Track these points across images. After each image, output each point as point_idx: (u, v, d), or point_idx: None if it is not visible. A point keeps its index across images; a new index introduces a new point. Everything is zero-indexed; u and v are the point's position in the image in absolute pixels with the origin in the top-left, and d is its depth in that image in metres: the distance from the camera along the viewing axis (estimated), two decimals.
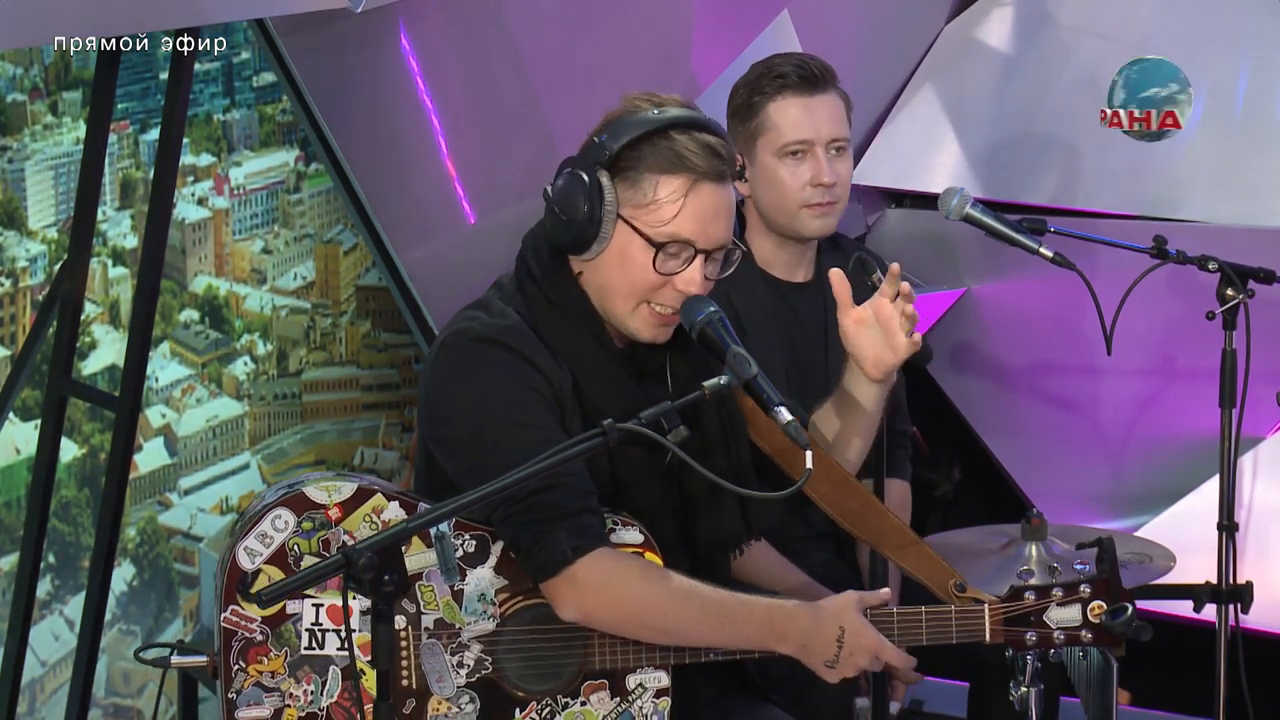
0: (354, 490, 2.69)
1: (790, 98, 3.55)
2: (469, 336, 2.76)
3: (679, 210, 2.75)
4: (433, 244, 4.24)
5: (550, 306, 2.80)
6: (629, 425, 2.51)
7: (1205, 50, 4.36)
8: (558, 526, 2.65)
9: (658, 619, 2.71)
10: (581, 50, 4.21)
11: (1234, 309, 3.68)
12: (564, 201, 2.76)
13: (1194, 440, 4.35)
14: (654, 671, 2.75)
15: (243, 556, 2.67)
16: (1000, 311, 4.62)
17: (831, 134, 3.56)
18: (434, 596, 2.68)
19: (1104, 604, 2.77)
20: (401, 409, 4.74)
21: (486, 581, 2.70)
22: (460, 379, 2.74)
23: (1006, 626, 2.79)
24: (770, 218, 3.60)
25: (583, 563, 2.65)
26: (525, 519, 2.66)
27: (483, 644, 2.70)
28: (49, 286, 3.90)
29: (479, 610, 2.69)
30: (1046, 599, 2.79)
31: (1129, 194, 4.42)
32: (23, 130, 3.96)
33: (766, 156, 3.56)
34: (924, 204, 4.63)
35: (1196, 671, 3.87)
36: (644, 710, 2.74)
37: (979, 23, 4.67)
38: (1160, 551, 3.37)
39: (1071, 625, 2.78)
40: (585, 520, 2.68)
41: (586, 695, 2.73)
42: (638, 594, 2.69)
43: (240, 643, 2.68)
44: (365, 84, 4.07)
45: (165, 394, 4.27)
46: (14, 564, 3.93)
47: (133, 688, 4.28)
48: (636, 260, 2.76)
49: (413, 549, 2.67)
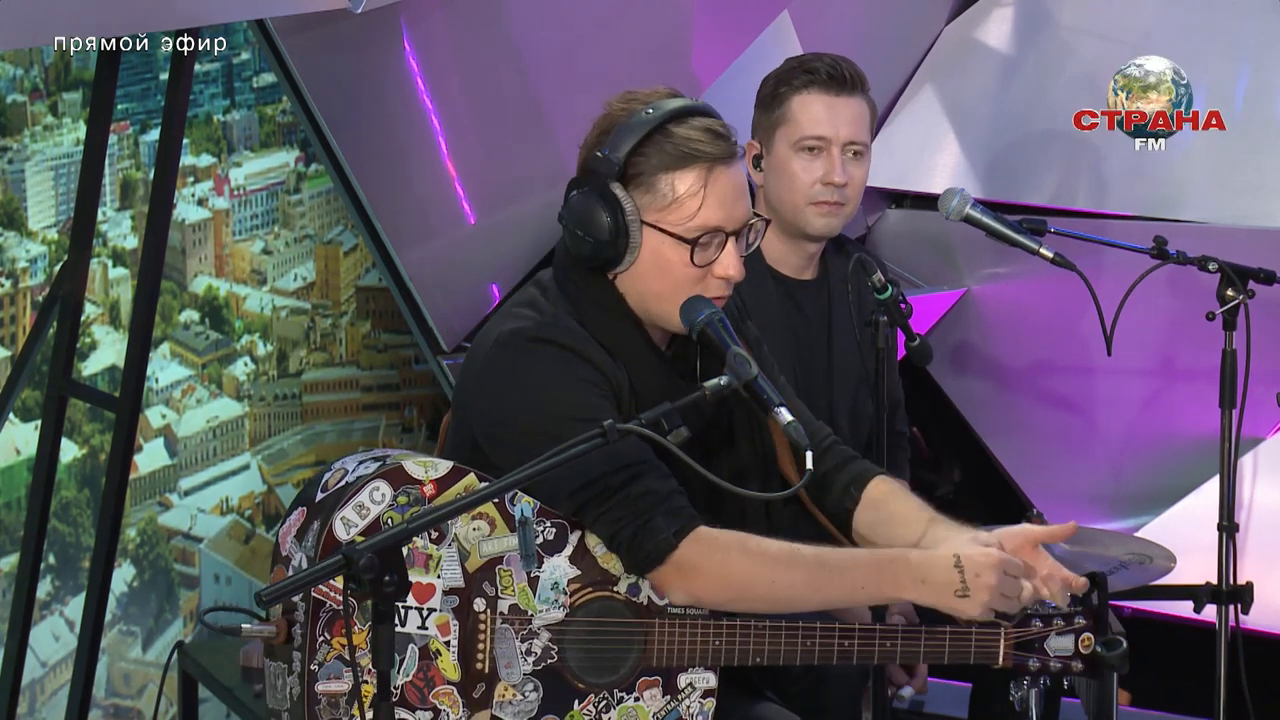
0: (449, 469, 2.68)
1: (816, 93, 3.56)
2: (525, 336, 2.75)
3: (702, 201, 2.76)
4: (433, 244, 4.24)
5: (598, 308, 2.81)
6: (629, 425, 2.51)
7: (1205, 50, 4.36)
8: (655, 514, 2.66)
9: (765, 588, 2.70)
10: (581, 50, 4.21)
11: (1234, 309, 3.68)
12: (585, 222, 2.76)
13: (1194, 440, 4.35)
14: (704, 672, 2.76)
15: (339, 526, 2.63)
16: (1000, 311, 4.62)
17: (850, 136, 3.56)
18: (511, 581, 2.68)
19: (1092, 636, 2.81)
20: (401, 409, 4.74)
21: (561, 570, 2.70)
22: (518, 378, 2.74)
23: (1016, 651, 2.81)
24: (778, 210, 3.60)
25: (684, 546, 2.66)
26: (621, 513, 2.66)
27: (551, 633, 2.71)
28: (49, 287, 3.90)
29: (551, 599, 2.70)
30: (1049, 626, 2.82)
31: (1129, 194, 4.42)
32: (23, 131, 3.96)
33: (783, 147, 3.57)
34: (924, 204, 4.63)
35: (1196, 671, 3.87)
36: (690, 709, 2.75)
37: (979, 23, 4.67)
38: (1160, 552, 3.37)
39: (1065, 654, 2.83)
40: (678, 502, 2.69)
41: (641, 691, 2.74)
42: (742, 568, 2.69)
43: (328, 614, 2.63)
44: (365, 84, 4.07)
45: (165, 394, 4.27)
46: (14, 564, 3.93)
47: (133, 688, 4.28)
48: (673, 260, 2.77)
49: (496, 531, 2.67)
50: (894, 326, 3.19)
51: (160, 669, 4.22)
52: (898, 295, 3.18)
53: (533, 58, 4.17)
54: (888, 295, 3.16)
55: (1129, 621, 4.12)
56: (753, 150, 3.61)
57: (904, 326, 3.19)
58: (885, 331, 3.18)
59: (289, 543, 2.72)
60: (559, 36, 4.20)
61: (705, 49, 4.39)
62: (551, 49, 4.19)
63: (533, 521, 2.68)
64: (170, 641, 4.25)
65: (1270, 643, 4.15)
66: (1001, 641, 2.80)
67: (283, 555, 2.72)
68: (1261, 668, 3.87)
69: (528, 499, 2.70)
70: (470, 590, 2.67)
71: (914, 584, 2.69)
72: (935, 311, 4.65)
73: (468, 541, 2.66)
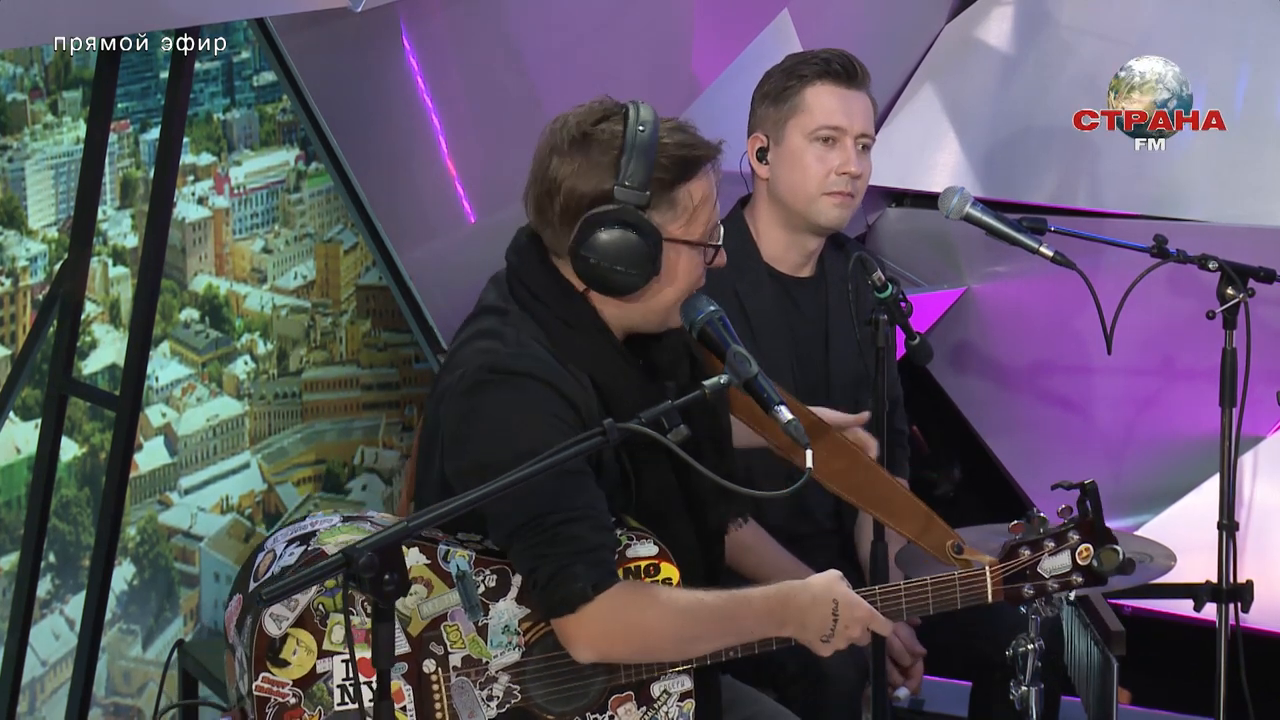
0: None
1: (829, 85, 3.56)
2: (491, 370, 2.71)
3: (714, 202, 2.79)
4: (433, 244, 4.24)
5: (565, 325, 2.78)
6: (629, 425, 2.51)
7: (1205, 50, 4.36)
8: (577, 561, 2.64)
9: (671, 644, 2.72)
10: (581, 50, 4.21)
11: (1234, 308, 3.68)
12: (625, 259, 2.71)
13: (1194, 440, 4.35)
14: (677, 676, 2.75)
15: (269, 623, 2.64)
16: (1000, 311, 4.63)
17: (862, 128, 3.57)
18: (459, 635, 2.67)
19: (1091, 547, 2.83)
20: (401, 408, 4.74)
21: (510, 613, 2.69)
22: (484, 414, 2.71)
23: (1006, 585, 2.84)
24: (787, 202, 3.59)
25: (599, 600, 2.64)
26: (545, 551, 2.64)
27: (510, 674, 2.70)
28: (49, 286, 3.90)
29: (504, 642, 2.69)
30: (1040, 551, 2.84)
31: (1129, 193, 4.42)
32: (23, 130, 3.96)
33: (796, 138, 3.56)
34: (924, 203, 4.63)
35: (1196, 671, 3.87)
36: (670, 715, 2.75)
37: (979, 23, 4.67)
38: (1160, 551, 3.37)
39: (1063, 572, 2.84)
40: (603, 555, 2.67)
41: (614, 709, 2.73)
42: (650, 625, 2.69)
43: (274, 709, 2.65)
44: (365, 84, 4.07)
45: (165, 393, 4.27)
46: (14, 563, 3.93)
47: (133, 687, 4.28)
48: (687, 267, 2.78)
49: (435, 591, 2.67)
50: (894, 325, 3.19)
51: (160, 667, 4.22)
52: (897, 294, 3.18)
53: (533, 58, 4.17)
54: (887, 294, 3.16)
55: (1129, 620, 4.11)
56: (756, 144, 3.60)
57: (904, 325, 3.19)
58: (885, 330, 3.18)
59: (232, 630, 2.73)
60: (559, 36, 4.20)
61: (705, 49, 4.39)
62: (551, 49, 4.19)
63: (470, 573, 2.67)
64: (170, 640, 4.25)
65: (1270, 642, 4.16)
66: (988, 580, 2.83)
67: (229, 642, 2.73)
68: (1261, 667, 3.88)
69: (462, 552, 2.68)
70: (417, 653, 2.66)
71: (797, 626, 2.74)
72: (935, 310, 4.65)
73: (406, 609, 2.65)
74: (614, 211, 2.72)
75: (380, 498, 4.73)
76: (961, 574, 2.84)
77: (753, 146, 3.60)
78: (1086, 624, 3.45)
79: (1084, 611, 3.46)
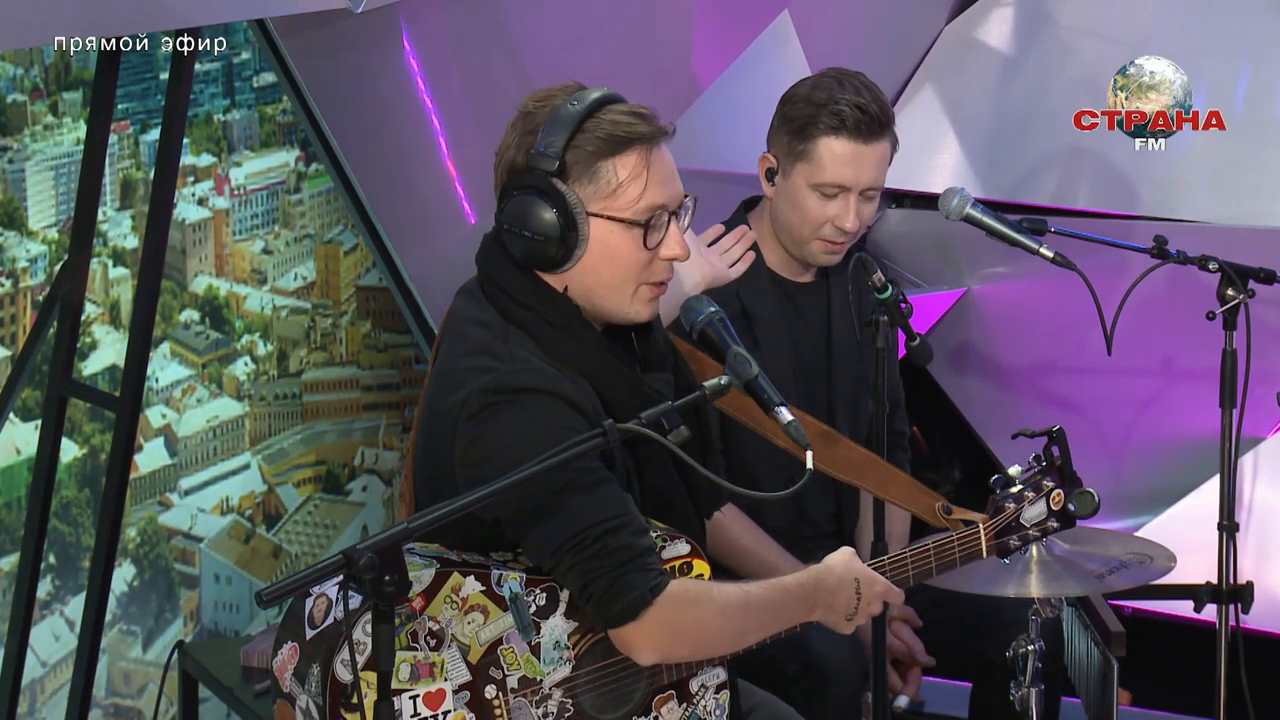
0: (432, 577, 2.65)
1: (843, 140, 3.52)
2: (496, 391, 2.69)
3: (646, 181, 2.74)
4: (433, 244, 4.24)
5: (552, 328, 2.77)
6: (630, 425, 2.51)
7: (1205, 50, 4.36)
8: (630, 569, 2.64)
9: (726, 638, 2.75)
10: (581, 50, 4.21)
11: (1234, 309, 3.68)
12: (530, 222, 2.72)
13: (1194, 440, 4.35)
14: (711, 669, 2.79)
15: (340, 670, 2.61)
16: (1000, 311, 4.62)
17: (870, 183, 3.55)
18: (515, 656, 2.67)
19: (1062, 492, 2.98)
20: (402, 409, 4.74)
21: (560, 629, 2.70)
22: (496, 439, 2.68)
23: (996, 540, 2.98)
24: (783, 231, 3.60)
25: (659, 603, 2.65)
26: (595, 564, 2.64)
27: (562, 689, 2.70)
28: (49, 287, 3.90)
29: (556, 657, 2.69)
30: (1022, 503, 2.99)
31: (1129, 194, 4.42)
32: (23, 130, 3.96)
33: (800, 182, 3.55)
34: (924, 204, 4.63)
35: (1196, 671, 3.87)
36: (708, 708, 2.78)
37: (979, 23, 4.67)
38: (1160, 551, 3.37)
39: (1040, 519, 2.99)
40: (650, 559, 2.68)
41: (658, 709, 2.75)
42: (706, 621, 2.71)
43: None
44: (365, 84, 4.07)
45: (165, 394, 4.27)
46: (14, 564, 3.93)
47: (133, 688, 4.28)
48: (623, 248, 2.75)
49: (491, 617, 2.66)
50: (894, 326, 3.19)
51: (160, 669, 4.21)
52: (898, 295, 3.18)
53: (533, 58, 4.17)
54: (888, 295, 3.16)
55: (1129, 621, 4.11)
56: (766, 164, 3.59)
57: (904, 326, 3.19)
58: (885, 331, 3.18)
59: (288, 680, 2.69)
60: (559, 36, 4.20)
61: (705, 49, 4.39)
62: (551, 49, 4.18)
63: (523, 595, 2.68)
64: (170, 641, 4.24)
65: (1270, 643, 4.15)
66: (983, 537, 2.97)
67: (285, 691, 2.69)
68: (1261, 668, 3.87)
69: (514, 575, 2.68)
70: (478, 680, 2.66)
71: (826, 609, 2.81)
72: (935, 311, 4.65)
73: (465, 637, 2.65)
74: (523, 178, 2.74)
75: (380, 499, 4.73)
76: (959, 535, 2.95)
77: (763, 165, 3.60)
78: (1086, 625, 3.45)
79: (1084, 612, 3.46)
